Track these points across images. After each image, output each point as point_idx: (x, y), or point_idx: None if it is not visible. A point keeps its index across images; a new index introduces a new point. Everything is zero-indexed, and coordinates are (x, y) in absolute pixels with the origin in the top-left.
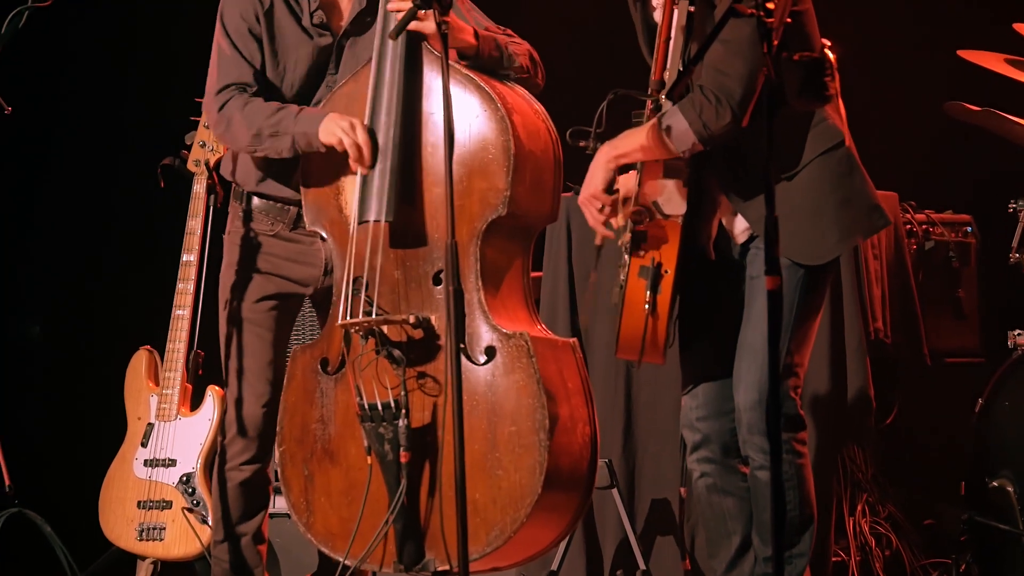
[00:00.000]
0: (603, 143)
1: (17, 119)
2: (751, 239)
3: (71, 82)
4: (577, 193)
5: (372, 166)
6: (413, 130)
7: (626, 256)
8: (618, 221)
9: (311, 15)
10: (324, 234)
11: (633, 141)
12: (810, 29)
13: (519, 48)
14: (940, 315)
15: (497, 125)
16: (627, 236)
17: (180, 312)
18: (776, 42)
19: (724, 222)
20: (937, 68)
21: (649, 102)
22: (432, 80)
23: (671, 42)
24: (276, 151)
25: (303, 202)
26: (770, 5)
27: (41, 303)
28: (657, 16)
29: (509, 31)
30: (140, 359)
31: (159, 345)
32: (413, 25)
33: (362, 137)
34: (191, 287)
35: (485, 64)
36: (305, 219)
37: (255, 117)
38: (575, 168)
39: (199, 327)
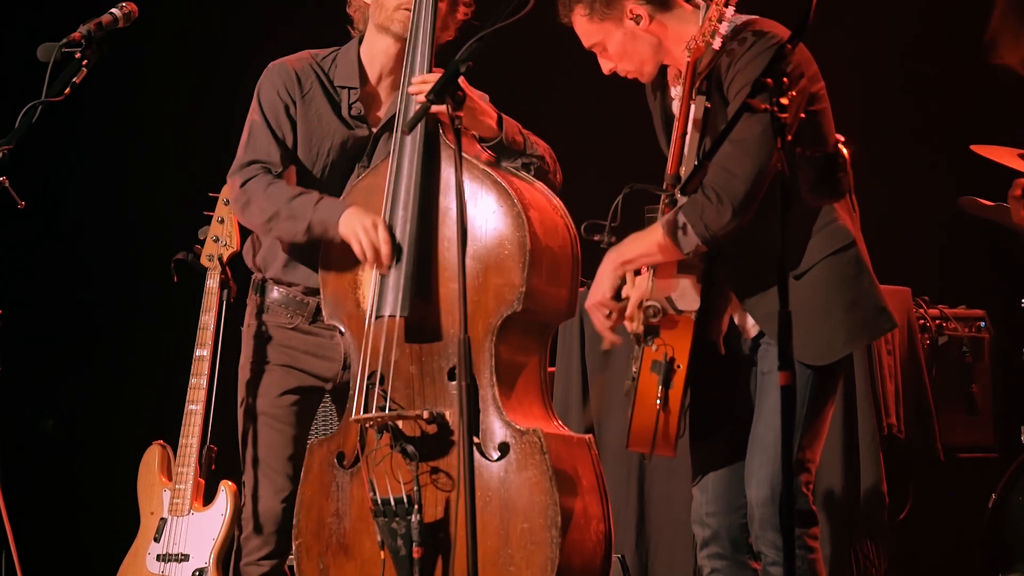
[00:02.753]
0: (617, 237)
1: (30, 213)
2: (761, 334)
3: (84, 175)
4: (589, 288)
5: (391, 267)
6: (430, 225)
7: (639, 350)
8: (633, 327)
9: (350, 106)
10: (342, 328)
11: (638, 247)
12: (826, 126)
13: (540, 146)
14: (953, 410)
15: (513, 221)
16: (640, 330)
17: (193, 407)
18: (790, 137)
19: (735, 317)
20: (951, 163)
21: (664, 196)
22: (450, 175)
23: (687, 137)
24: (290, 234)
25: (322, 296)
26: (784, 100)
27: (55, 397)
28: (676, 108)
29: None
30: (153, 454)
31: (172, 440)
32: (433, 108)
33: (382, 236)
34: (204, 382)
35: (507, 150)
36: (323, 313)
37: (276, 198)
38: (590, 263)
39: (212, 422)
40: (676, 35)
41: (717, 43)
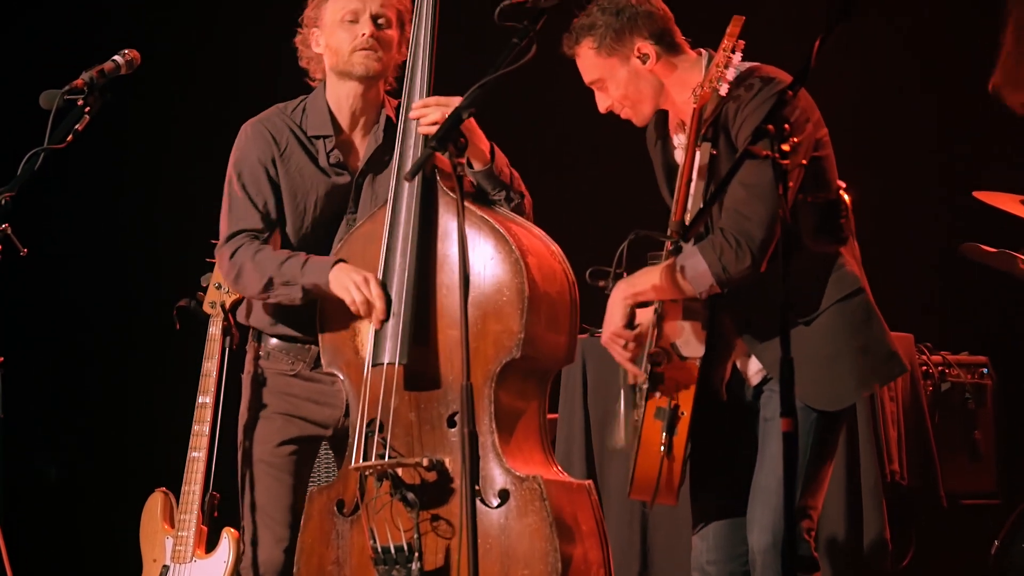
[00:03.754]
0: None
1: (31, 259)
2: (764, 381)
3: (85, 221)
4: (593, 335)
5: (385, 320)
6: (428, 272)
7: (642, 397)
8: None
9: (327, 155)
10: (341, 376)
11: (650, 279)
12: (829, 172)
13: (522, 187)
14: (956, 456)
15: (511, 267)
16: (643, 377)
17: (196, 454)
18: (792, 184)
19: (738, 364)
20: (953, 209)
21: (668, 243)
22: (447, 222)
23: (692, 184)
24: (289, 299)
25: (320, 343)
26: (785, 147)
27: (57, 445)
28: (678, 156)
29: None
30: (156, 501)
31: (175, 487)
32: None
33: (375, 291)
34: (207, 429)
35: (494, 180)
36: (322, 361)
37: (266, 266)
38: (593, 309)
39: (214, 469)
40: (679, 80)
41: (724, 89)
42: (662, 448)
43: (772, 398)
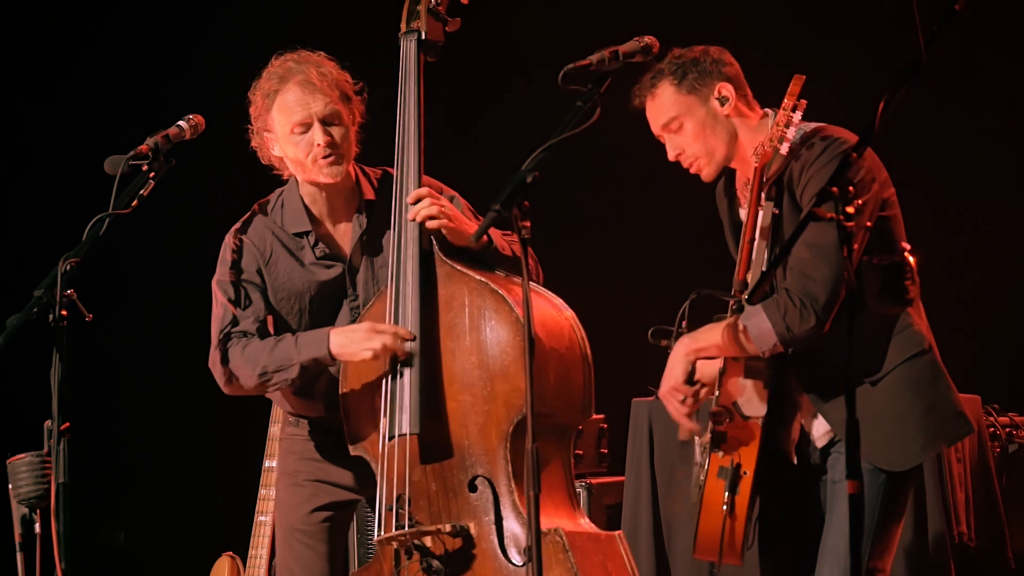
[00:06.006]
0: None
1: (97, 326)
2: (831, 443)
3: (149, 288)
4: (657, 397)
5: (412, 340)
6: (434, 341)
7: (703, 456)
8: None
9: (313, 250)
10: (367, 457)
11: (713, 336)
12: (895, 232)
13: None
14: None
15: (512, 326)
16: (706, 436)
17: (263, 518)
18: (857, 246)
19: (804, 424)
20: (1020, 269)
21: (732, 302)
22: (448, 290)
23: (755, 243)
24: (286, 382)
25: (345, 431)
26: (849, 209)
27: (125, 509)
28: (743, 214)
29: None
30: (223, 565)
31: (242, 551)
32: (433, 224)
33: (388, 334)
34: (273, 493)
35: (495, 258)
36: (348, 445)
37: (257, 357)
38: (658, 369)
39: None
40: (750, 136)
41: (784, 148)
42: (724, 507)
43: (839, 460)
